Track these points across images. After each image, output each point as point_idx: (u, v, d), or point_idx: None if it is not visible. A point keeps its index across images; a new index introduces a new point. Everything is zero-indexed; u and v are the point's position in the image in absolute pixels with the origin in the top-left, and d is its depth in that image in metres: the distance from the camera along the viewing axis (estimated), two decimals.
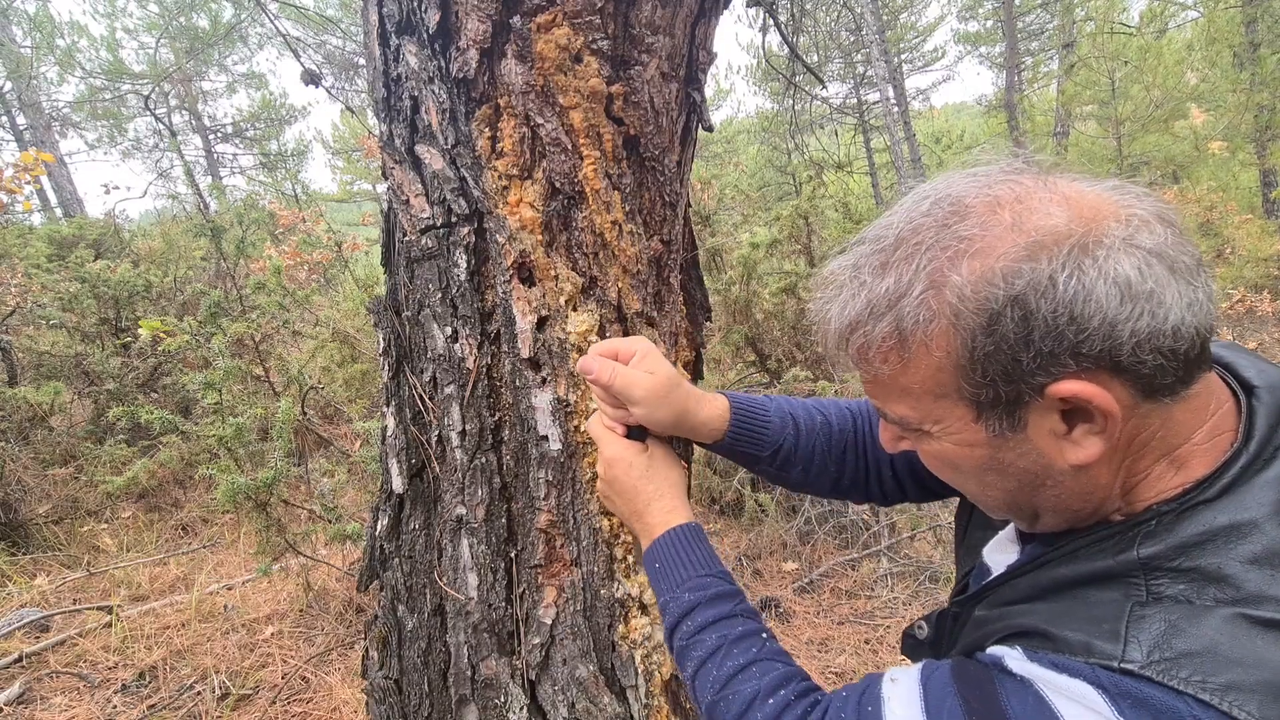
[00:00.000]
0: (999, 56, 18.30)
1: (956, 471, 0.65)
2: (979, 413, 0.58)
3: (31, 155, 5.33)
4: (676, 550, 0.84)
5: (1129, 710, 0.47)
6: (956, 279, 0.54)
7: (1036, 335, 0.52)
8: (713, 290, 3.83)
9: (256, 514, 2.82)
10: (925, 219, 0.57)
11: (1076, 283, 0.51)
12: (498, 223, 0.97)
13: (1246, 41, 8.89)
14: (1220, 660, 0.47)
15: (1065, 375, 0.53)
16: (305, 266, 7.20)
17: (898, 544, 3.46)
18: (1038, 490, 0.60)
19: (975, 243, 0.54)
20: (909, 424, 0.64)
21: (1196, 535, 0.53)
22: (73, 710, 2.51)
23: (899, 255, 0.57)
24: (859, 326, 0.60)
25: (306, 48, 12.20)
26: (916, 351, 0.57)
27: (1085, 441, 0.55)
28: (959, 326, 0.54)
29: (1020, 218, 0.54)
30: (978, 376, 0.56)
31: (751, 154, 17.31)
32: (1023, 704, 0.52)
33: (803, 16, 4.54)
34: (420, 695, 1.10)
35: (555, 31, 0.88)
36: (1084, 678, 0.50)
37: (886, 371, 0.61)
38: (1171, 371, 0.53)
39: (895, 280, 0.57)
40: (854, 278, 0.61)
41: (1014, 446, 0.59)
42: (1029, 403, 0.55)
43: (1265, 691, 0.45)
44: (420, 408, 1.08)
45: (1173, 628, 0.50)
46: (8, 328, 4.91)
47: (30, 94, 11.44)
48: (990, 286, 0.53)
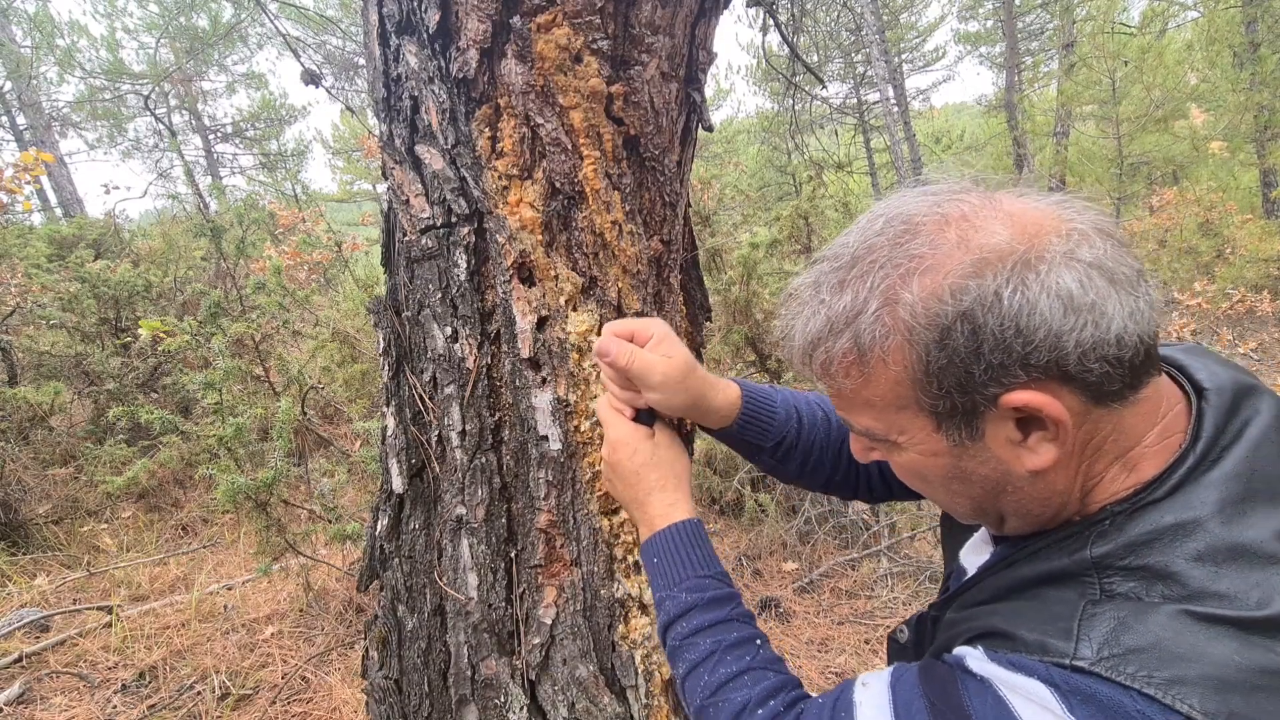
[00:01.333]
0: (999, 56, 18.30)
1: (924, 481, 0.67)
2: (938, 423, 0.61)
3: (31, 155, 5.33)
4: (676, 546, 0.83)
5: (1079, 707, 0.49)
6: (908, 296, 0.56)
7: (986, 348, 0.54)
8: (713, 290, 3.83)
9: (256, 514, 2.82)
10: (878, 238, 0.60)
11: (1020, 297, 0.53)
12: (498, 223, 0.97)
13: (1246, 41, 8.89)
14: (1165, 656, 0.49)
15: (1016, 385, 0.55)
16: (305, 266, 7.20)
17: (898, 544, 3.46)
18: (1000, 496, 0.63)
19: (925, 260, 0.56)
20: (875, 435, 0.66)
21: (1145, 534, 0.55)
22: (73, 710, 2.51)
23: (855, 274, 0.60)
24: (820, 343, 0.62)
25: (306, 48, 12.20)
26: (875, 366, 0.60)
27: (1040, 448, 0.58)
28: (913, 341, 0.57)
29: (966, 236, 0.56)
30: (934, 389, 0.58)
31: (751, 154, 17.30)
32: (983, 703, 0.53)
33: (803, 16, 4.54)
34: (420, 695, 1.10)
35: (555, 31, 0.88)
36: (1038, 676, 0.52)
37: (849, 385, 0.63)
38: (1118, 378, 0.55)
39: (852, 298, 0.60)
40: (814, 295, 0.63)
41: (974, 455, 0.61)
42: (985, 412, 0.58)
43: (1207, 685, 0.47)
44: (420, 408, 1.08)
45: (1121, 625, 0.51)
46: (8, 328, 4.91)
47: (30, 94, 11.44)
48: (940, 303, 0.55)
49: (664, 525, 0.85)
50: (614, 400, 0.91)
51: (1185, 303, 6.92)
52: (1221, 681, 0.47)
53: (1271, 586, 0.51)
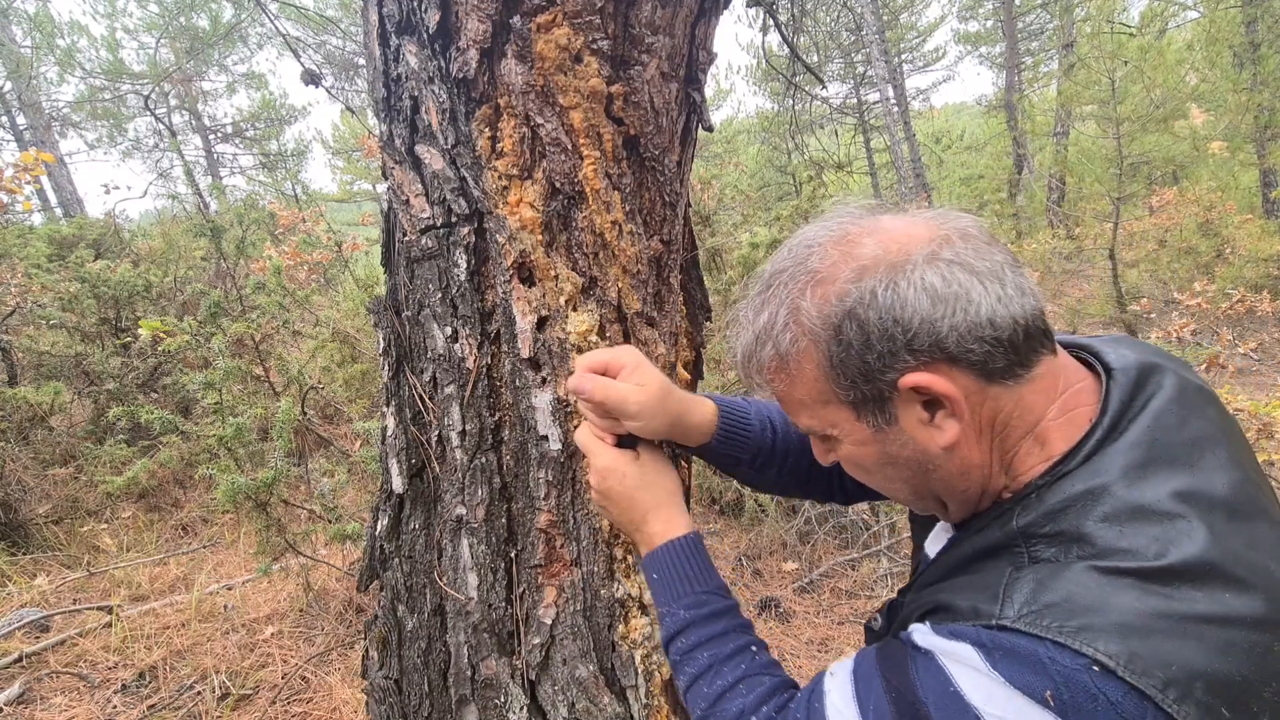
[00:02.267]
0: (999, 56, 18.30)
1: (865, 470, 0.75)
2: (857, 412, 0.69)
3: (31, 155, 5.32)
4: (674, 562, 0.87)
5: (1000, 660, 0.55)
6: (805, 304, 0.67)
7: (873, 339, 0.64)
8: (713, 290, 3.83)
9: (256, 514, 2.82)
10: (786, 261, 0.71)
11: (892, 293, 0.63)
12: (498, 223, 0.97)
13: (1246, 41, 8.89)
14: (1075, 608, 0.54)
15: (908, 369, 0.64)
16: (305, 266, 7.20)
17: (898, 544, 3.46)
18: (927, 476, 0.70)
19: (819, 274, 0.67)
20: (816, 432, 0.75)
21: (1060, 502, 0.61)
22: (73, 710, 2.51)
23: (769, 294, 0.71)
24: (752, 356, 0.73)
25: (306, 48, 12.20)
26: (794, 368, 0.70)
27: (945, 425, 0.66)
28: (816, 342, 0.67)
29: (849, 251, 0.67)
30: (843, 380, 0.67)
31: (751, 154, 17.30)
32: (927, 673, 0.60)
33: (803, 16, 4.54)
34: (420, 695, 1.10)
35: (555, 31, 0.88)
36: (968, 639, 0.58)
37: (782, 388, 0.73)
38: (1001, 356, 0.63)
39: (769, 314, 0.71)
40: (745, 316, 0.75)
41: (894, 438, 0.69)
42: (891, 398, 0.66)
43: (1113, 631, 0.52)
44: (420, 408, 1.08)
45: (1039, 585, 0.57)
46: (8, 328, 4.91)
47: (30, 94, 11.44)
48: (829, 305, 0.66)
49: (661, 542, 0.88)
50: (594, 429, 0.93)
51: (1185, 303, 6.92)
52: (1123, 626, 0.52)
53: (1168, 540, 0.56)
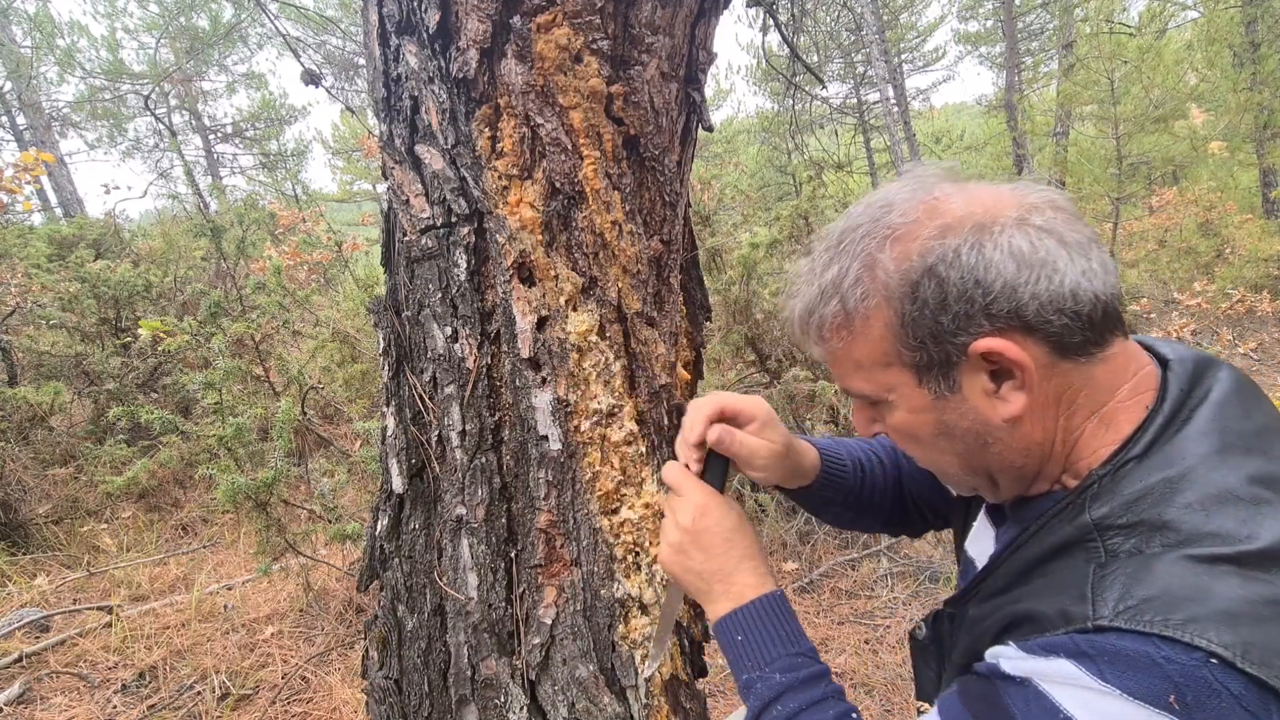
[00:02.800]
0: (999, 56, 18.30)
1: (916, 441, 0.72)
2: (919, 377, 0.67)
3: (31, 155, 5.33)
4: (765, 621, 0.79)
5: (1109, 670, 0.51)
6: (883, 259, 0.65)
7: (951, 298, 0.62)
8: (713, 290, 3.83)
9: (256, 514, 2.82)
10: (861, 217, 0.69)
11: (977, 254, 0.61)
12: (498, 223, 0.97)
13: (1246, 41, 8.89)
14: (1175, 600, 0.52)
15: (982, 334, 0.62)
16: (305, 266, 7.20)
17: (898, 544, 3.46)
18: (984, 450, 0.68)
19: (898, 230, 0.65)
20: (868, 397, 0.72)
21: (1138, 491, 0.59)
22: (73, 710, 2.51)
23: (841, 249, 0.69)
24: (814, 310, 0.70)
25: (306, 48, 12.19)
26: (859, 325, 0.68)
27: (1011, 396, 0.64)
28: (889, 298, 0.65)
29: (934, 208, 0.65)
30: (911, 340, 0.65)
31: (751, 154, 17.30)
32: (1025, 702, 0.55)
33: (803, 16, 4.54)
34: (420, 695, 1.10)
35: (555, 31, 0.88)
36: (1065, 653, 0.54)
37: (840, 347, 0.70)
38: (1078, 331, 0.62)
39: (839, 269, 0.68)
40: (809, 272, 0.72)
41: (954, 407, 0.67)
42: (958, 363, 0.64)
43: (1219, 620, 0.50)
44: (420, 408, 1.08)
45: (1130, 579, 0.55)
46: (8, 328, 4.91)
47: (30, 94, 11.43)
48: (909, 261, 0.64)
49: (754, 597, 0.80)
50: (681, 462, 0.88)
51: (1185, 303, 6.92)
52: (1231, 615, 0.50)
53: (1255, 523, 0.54)
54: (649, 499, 1.04)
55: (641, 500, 1.03)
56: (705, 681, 2.36)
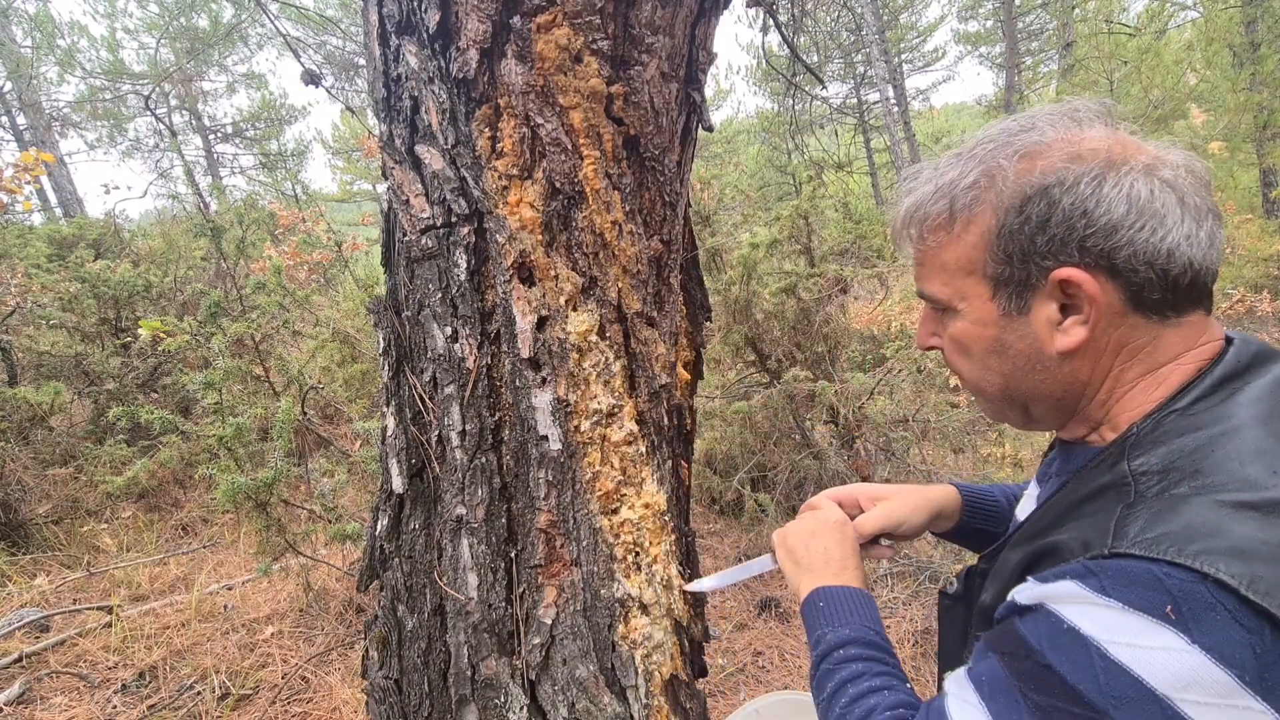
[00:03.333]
0: (999, 56, 18.30)
1: (967, 355, 0.74)
2: (995, 290, 0.68)
3: (31, 155, 5.32)
4: (856, 601, 0.87)
5: (1111, 585, 0.53)
6: (1007, 168, 0.66)
7: (1054, 221, 0.63)
8: (713, 290, 3.83)
9: (256, 514, 2.82)
10: (996, 131, 0.70)
11: (1094, 187, 0.62)
12: (498, 223, 0.97)
13: (1246, 41, 8.88)
14: (1193, 534, 0.53)
15: (1068, 264, 0.63)
16: (305, 266, 7.19)
17: (897, 544, 3.46)
18: (1029, 375, 0.70)
19: (1031, 148, 0.66)
20: (940, 301, 0.74)
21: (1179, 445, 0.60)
22: (73, 710, 2.51)
23: (969, 155, 0.70)
24: (922, 205, 0.72)
25: (306, 48, 12.19)
26: (959, 228, 0.69)
27: (1073, 331, 0.65)
28: (997, 207, 0.66)
29: (1070, 136, 0.66)
30: (1001, 252, 0.67)
31: (751, 154, 17.30)
32: (1036, 626, 0.58)
33: (803, 16, 4.54)
34: (420, 695, 1.10)
35: (555, 31, 0.88)
36: (1070, 575, 0.56)
37: (932, 246, 0.72)
38: (1159, 289, 0.63)
39: (959, 171, 0.70)
40: (931, 172, 0.74)
41: (1016, 328, 0.69)
42: (1036, 286, 0.66)
43: (1231, 554, 0.51)
44: (420, 408, 1.08)
45: (1155, 516, 0.56)
46: (8, 328, 4.91)
47: (30, 94, 11.43)
48: (1029, 177, 0.65)
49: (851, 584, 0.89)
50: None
51: None
52: (1244, 551, 0.51)
53: None
54: (649, 499, 1.04)
55: (641, 500, 1.03)
56: (705, 681, 2.36)
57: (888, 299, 5.71)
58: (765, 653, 2.80)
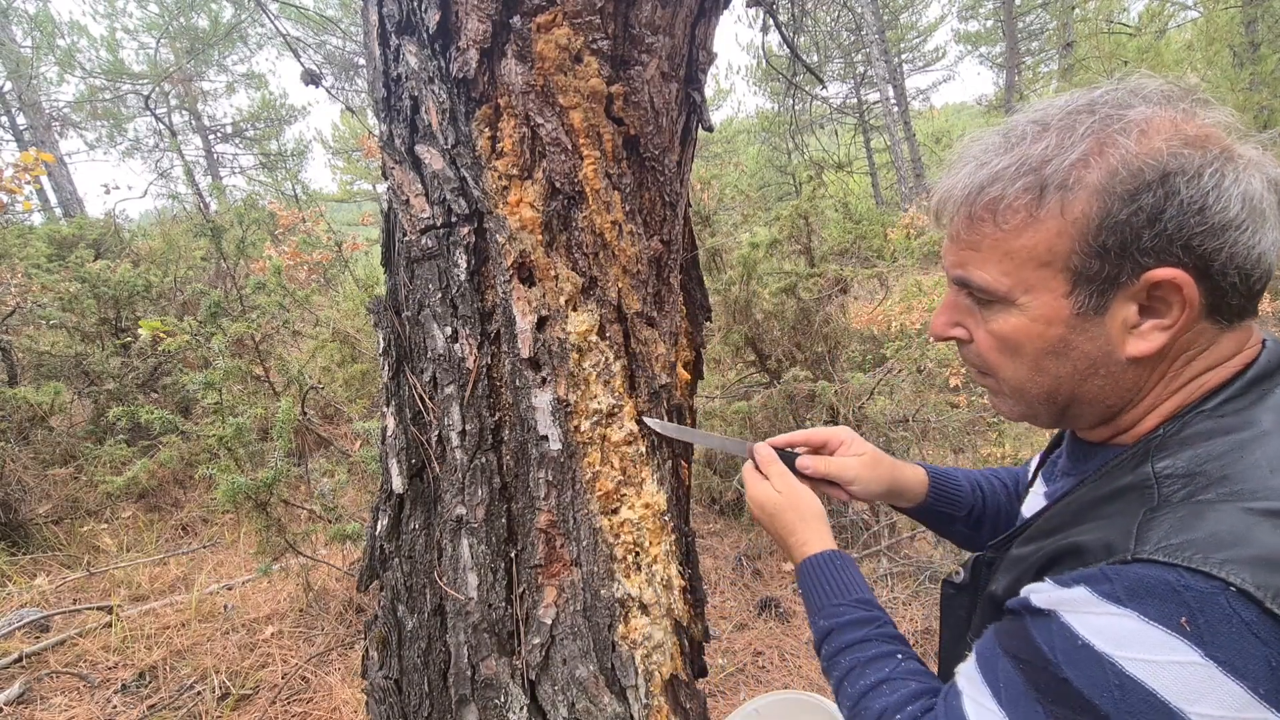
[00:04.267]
0: (999, 56, 18.31)
1: (1014, 354, 0.67)
2: (1074, 287, 0.61)
3: (31, 155, 5.32)
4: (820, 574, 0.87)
5: (1126, 595, 0.52)
6: (1127, 145, 0.58)
7: (1168, 215, 0.57)
8: (713, 290, 3.83)
9: (256, 514, 2.82)
10: (1092, 100, 0.62)
11: (1216, 180, 0.56)
12: (498, 223, 0.97)
13: (1246, 41, 8.89)
14: (1219, 543, 0.51)
15: (1169, 264, 0.58)
16: (305, 266, 7.19)
17: (898, 544, 3.46)
18: (1088, 379, 0.65)
19: (1145, 124, 0.59)
20: (993, 293, 0.65)
21: (1208, 448, 0.58)
22: (73, 710, 2.51)
23: (1063, 122, 0.61)
24: (998, 181, 0.62)
25: (306, 48, 12.19)
26: (1046, 213, 0.60)
27: (1150, 335, 0.61)
28: (1105, 191, 0.58)
29: (1184, 117, 0.60)
30: (1096, 244, 0.59)
31: (751, 154, 17.31)
32: (1049, 633, 0.57)
33: (803, 16, 4.54)
34: (420, 695, 1.10)
35: (555, 31, 0.88)
36: (1085, 582, 0.55)
37: (999, 232, 0.63)
38: (1239, 295, 0.59)
39: (1056, 141, 0.60)
40: (1004, 140, 0.64)
41: (1088, 329, 0.62)
42: (1123, 285, 0.60)
43: (1256, 563, 0.49)
44: (420, 408, 1.08)
45: (1180, 522, 0.54)
46: (8, 328, 4.91)
47: (30, 94, 11.43)
48: (1150, 159, 0.57)
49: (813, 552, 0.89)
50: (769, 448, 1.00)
51: None
52: (1270, 561, 0.49)
53: None
54: (649, 499, 1.04)
55: (641, 500, 1.03)
56: (705, 681, 2.36)
57: (888, 299, 5.71)
58: (765, 653, 2.80)
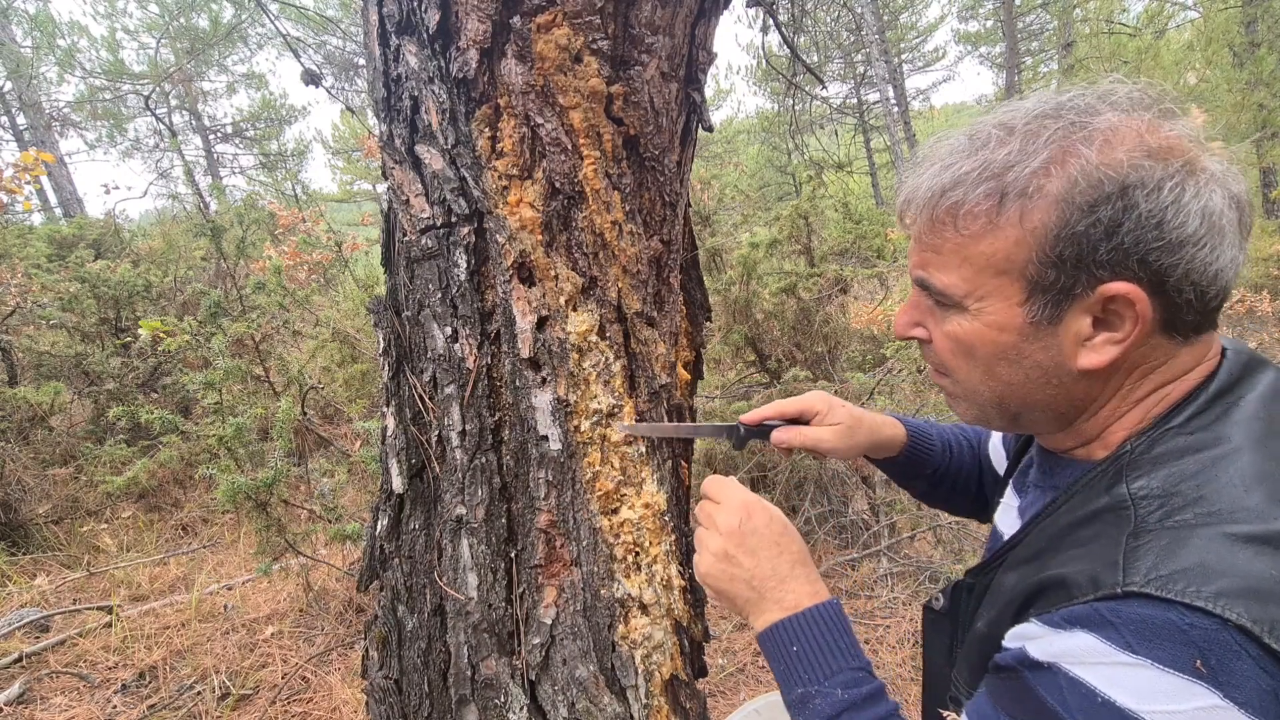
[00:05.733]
0: (999, 56, 18.31)
1: (968, 357, 0.66)
2: (1028, 296, 0.60)
3: (31, 155, 5.32)
4: (824, 631, 0.74)
5: (1134, 639, 0.50)
6: (1088, 155, 0.57)
7: (1125, 228, 0.56)
8: (713, 290, 3.83)
9: (256, 514, 2.82)
10: (1058, 105, 0.60)
11: (1175, 195, 0.55)
12: (498, 223, 0.97)
13: (1246, 41, 8.89)
14: (1209, 573, 0.50)
15: (1124, 278, 0.57)
16: (305, 266, 7.19)
17: (898, 544, 3.46)
18: (1039, 388, 0.64)
19: (1110, 134, 0.57)
20: (950, 297, 0.65)
21: (1179, 467, 0.57)
22: (73, 710, 2.51)
23: (1028, 127, 0.60)
24: (960, 185, 0.61)
25: (306, 48, 12.19)
26: (1006, 220, 0.59)
27: (1103, 349, 0.60)
28: (1064, 201, 0.57)
29: (1150, 128, 0.58)
30: (1053, 255, 0.58)
31: (751, 154, 17.31)
32: (1059, 691, 0.53)
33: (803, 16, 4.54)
34: (420, 695, 1.10)
35: (555, 31, 0.88)
36: (1085, 626, 0.53)
37: (959, 238, 0.62)
38: (1194, 312, 0.59)
39: (1019, 147, 0.59)
40: (969, 144, 0.63)
41: (1040, 339, 0.62)
42: (1077, 296, 0.59)
43: (1251, 596, 0.49)
44: (420, 408, 1.08)
45: (1165, 551, 0.53)
46: (8, 328, 4.91)
47: (30, 94, 11.43)
48: (1110, 170, 0.56)
49: (810, 605, 0.75)
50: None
51: None
52: (1260, 592, 0.49)
53: None
54: (649, 499, 1.04)
55: (641, 500, 1.03)
56: (705, 681, 2.36)
57: (888, 299, 5.71)
58: None
